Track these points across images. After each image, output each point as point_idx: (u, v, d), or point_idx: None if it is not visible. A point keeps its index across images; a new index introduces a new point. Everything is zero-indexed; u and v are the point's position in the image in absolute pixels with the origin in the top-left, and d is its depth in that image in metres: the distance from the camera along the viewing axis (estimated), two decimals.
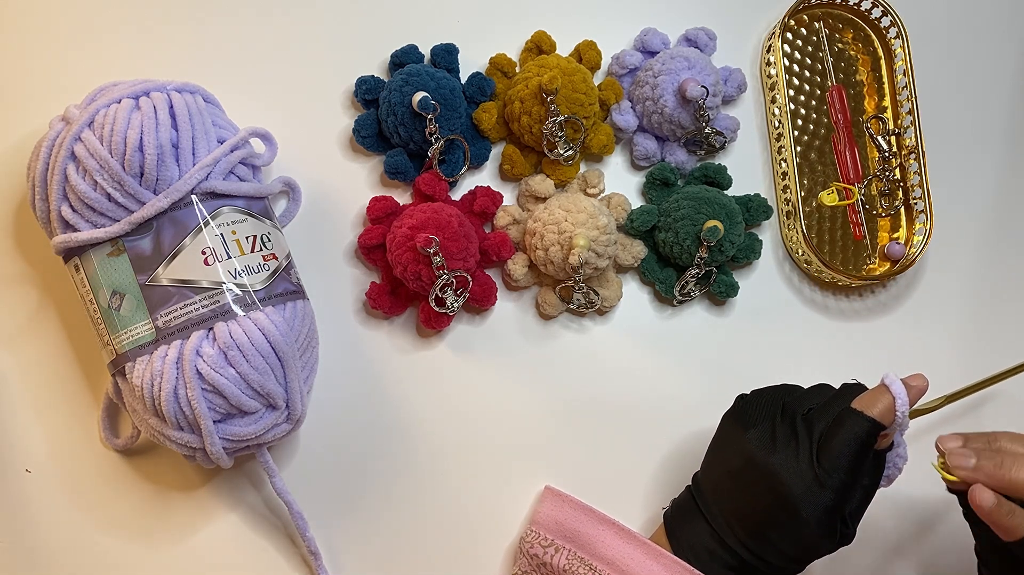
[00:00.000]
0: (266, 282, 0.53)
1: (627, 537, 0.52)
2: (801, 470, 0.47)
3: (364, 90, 0.60)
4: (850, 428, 0.47)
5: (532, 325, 0.62)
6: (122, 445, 0.57)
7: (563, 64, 0.60)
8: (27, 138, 0.58)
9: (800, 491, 0.47)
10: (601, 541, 0.52)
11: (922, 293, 0.65)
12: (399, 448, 0.59)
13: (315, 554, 0.56)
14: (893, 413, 0.47)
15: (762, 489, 0.48)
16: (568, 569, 0.52)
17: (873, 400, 0.48)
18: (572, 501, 0.56)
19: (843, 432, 0.47)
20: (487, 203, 0.60)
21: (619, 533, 0.52)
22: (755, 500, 0.48)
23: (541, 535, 0.55)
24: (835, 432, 0.47)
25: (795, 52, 0.66)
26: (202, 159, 0.52)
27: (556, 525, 0.55)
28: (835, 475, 0.47)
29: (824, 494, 0.47)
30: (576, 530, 0.54)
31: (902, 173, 0.65)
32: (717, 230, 0.58)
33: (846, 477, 0.47)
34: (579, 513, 0.55)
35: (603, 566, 0.52)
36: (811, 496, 0.47)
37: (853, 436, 0.47)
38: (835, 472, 0.47)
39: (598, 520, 0.54)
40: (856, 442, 0.47)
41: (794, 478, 0.47)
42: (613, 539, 0.52)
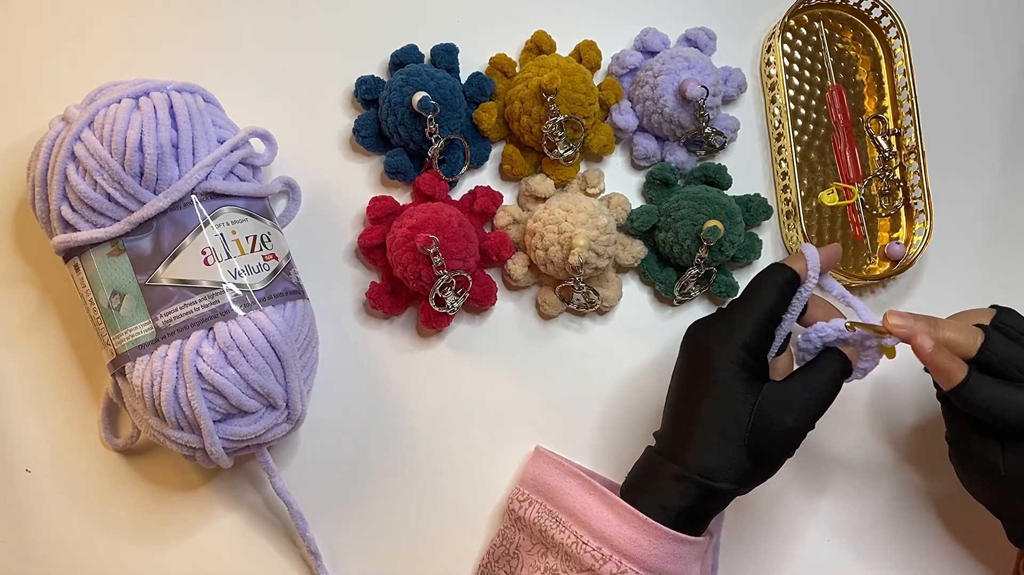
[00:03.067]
0: (266, 282, 0.53)
1: (588, 488, 0.53)
2: (712, 317, 0.52)
3: (364, 90, 0.60)
4: (764, 275, 0.52)
5: (532, 325, 0.62)
6: (122, 445, 0.57)
7: (563, 64, 0.60)
8: (27, 138, 0.58)
9: (715, 330, 0.51)
10: (567, 493, 0.53)
11: (922, 293, 0.65)
12: (399, 448, 0.59)
13: (315, 554, 0.56)
14: (804, 268, 0.52)
15: (681, 356, 0.52)
16: (537, 522, 0.54)
17: (790, 259, 0.53)
18: (550, 457, 0.57)
19: (759, 279, 0.52)
20: (487, 203, 0.60)
21: (582, 485, 0.53)
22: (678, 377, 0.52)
23: (519, 491, 0.57)
24: (752, 284, 0.52)
25: (795, 52, 0.66)
26: (202, 159, 0.52)
27: (533, 480, 0.56)
28: (742, 308, 0.50)
29: (734, 326, 0.50)
30: (548, 484, 0.55)
31: (902, 173, 0.65)
32: (717, 230, 0.58)
33: (759, 317, 0.50)
34: (552, 467, 0.56)
35: (566, 517, 0.52)
36: (724, 331, 0.50)
37: (766, 279, 0.51)
38: (743, 306, 0.51)
39: (567, 473, 0.55)
40: (768, 282, 0.51)
41: (704, 324, 0.52)
42: (576, 490, 0.53)
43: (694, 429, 0.49)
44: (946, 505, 0.62)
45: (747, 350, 0.50)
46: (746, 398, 0.49)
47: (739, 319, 0.50)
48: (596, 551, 0.50)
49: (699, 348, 0.51)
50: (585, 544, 0.50)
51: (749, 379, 0.49)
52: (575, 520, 0.52)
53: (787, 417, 0.49)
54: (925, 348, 0.49)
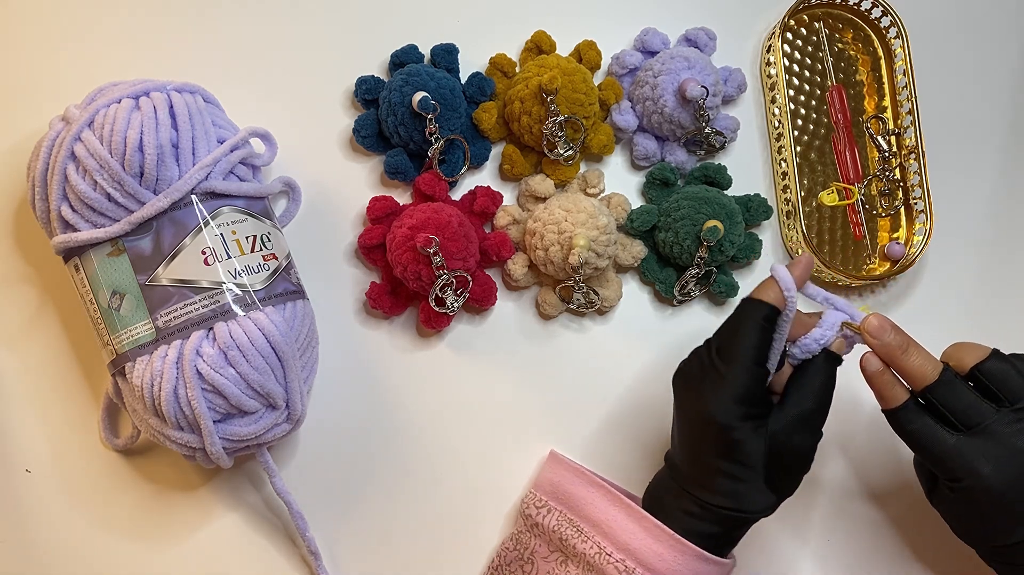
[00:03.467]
0: (266, 282, 0.53)
1: (613, 500, 0.53)
2: (703, 370, 0.50)
3: (364, 90, 0.60)
4: (741, 315, 0.50)
5: (532, 325, 0.62)
6: (122, 445, 0.57)
7: (563, 64, 0.60)
8: (27, 138, 0.58)
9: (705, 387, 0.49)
10: (590, 503, 0.53)
11: (922, 293, 0.65)
12: (399, 448, 0.59)
13: (315, 554, 0.56)
14: (781, 297, 0.50)
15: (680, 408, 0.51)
16: (557, 530, 0.53)
17: (764, 287, 0.50)
18: (570, 465, 0.56)
19: (736, 322, 0.50)
20: (487, 203, 0.60)
21: (606, 495, 0.53)
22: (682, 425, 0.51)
23: (536, 496, 0.56)
24: (730, 325, 0.50)
25: (795, 52, 0.66)
26: (202, 159, 0.52)
27: (551, 487, 0.56)
28: (731, 361, 0.49)
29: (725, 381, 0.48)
30: (568, 492, 0.55)
31: (902, 173, 0.65)
32: (717, 230, 0.58)
33: (748, 362, 0.48)
34: (573, 475, 0.55)
35: (589, 527, 0.52)
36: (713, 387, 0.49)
37: (745, 317, 0.50)
38: (731, 358, 0.49)
39: (588, 482, 0.54)
40: (747, 324, 0.49)
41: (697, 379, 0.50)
42: (601, 501, 0.53)
43: (711, 474, 0.49)
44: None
45: (746, 403, 0.48)
46: (757, 443, 0.48)
47: (729, 374, 0.49)
48: (620, 563, 0.50)
49: (696, 408, 0.49)
50: (608, 555, 0.50)
51: (755, 427, 0.48)
52: (598, 531, 0.52)
53: (798, 441, 0.49)
54: (869, 368, 0.50)
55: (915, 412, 0.50)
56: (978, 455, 0.48)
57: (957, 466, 0.48)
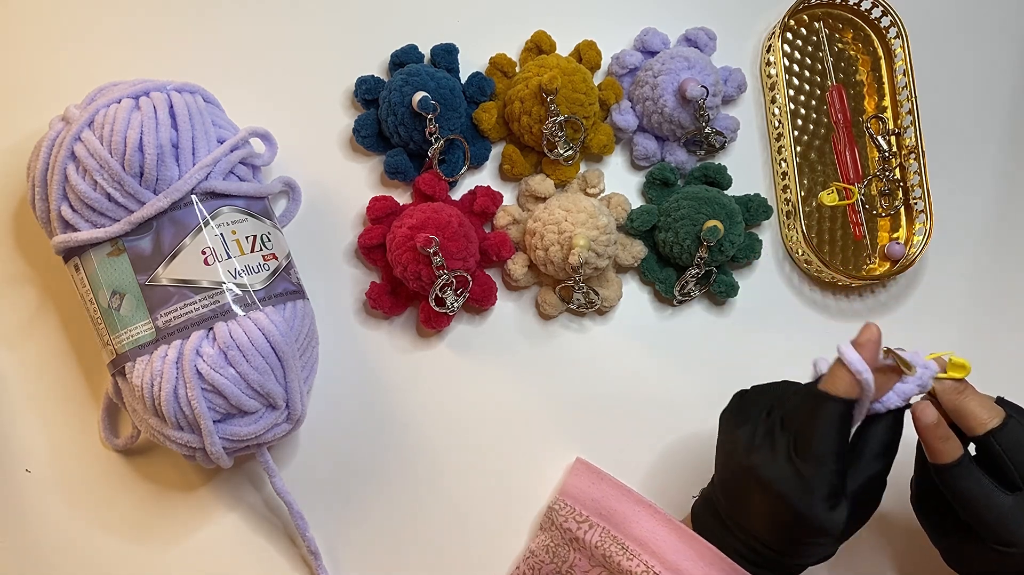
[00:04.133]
0: (266, 282, 0.53)
1: (662, 519, 0.51)
2: (780, 467, 0.46)
3: (364, 90, 0.60)
4: (821, 412, 0.46)
5: (532, 325, 0.62)
6: (122, 445, 0.57)
7: (563, 64, 0.60)
8: (27, 138, 0.58)
9: (788, 489, 0.46)
10: (636, 521, 0.52)
11: (922, 293, 0.65)
12: (399, 448, 0.59)
13: (315, 554, 0.56)
14: (856, 385, 0.46)
15: (754, 491, 0.47)
16: (600, 546, 0.52)
17: (834, 378, 0.46)
18: (608, 478, 0.55)
19: (817, 419, 0.46)
20: (487, 203, 0.60)
21: (654, 515, 0.52)
22: (753, 502, 0.48)
23: (576, 510, 0.55)
24: (807, 421, 0.46)
25: (795, 52, 0.66)
26: (202, 159, 0.52)
27: (592, 502, 0.55)
28: (814, 464, 0.45)
29: (811, 486, 0.45)
30: (612, 508, 0.53)
31: (902, 173, 0.65)
32: (717, 230, 0.58)
33: (830, 463, 0.46)
34: (616, 491, 0.54)
35: (635, 546, 0.51)
36: (799, 491, 0.46)
37: (825, 419, 0.46)
38: (814, 461, 0.46)
39: (635, 501, 0.53)
40: (830, 426, 0.46)
41: (776, 476, 0.46)
42: (648, 520, 0.52)
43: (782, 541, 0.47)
44: None
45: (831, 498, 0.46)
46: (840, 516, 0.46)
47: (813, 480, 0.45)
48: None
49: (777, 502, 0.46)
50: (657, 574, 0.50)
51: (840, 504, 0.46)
52: (646, 550, 0.51)
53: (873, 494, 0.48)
54: (924, 419, 0.47)
55: (969, 469, 0.47)
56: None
57: (1012, 531, 0.45)
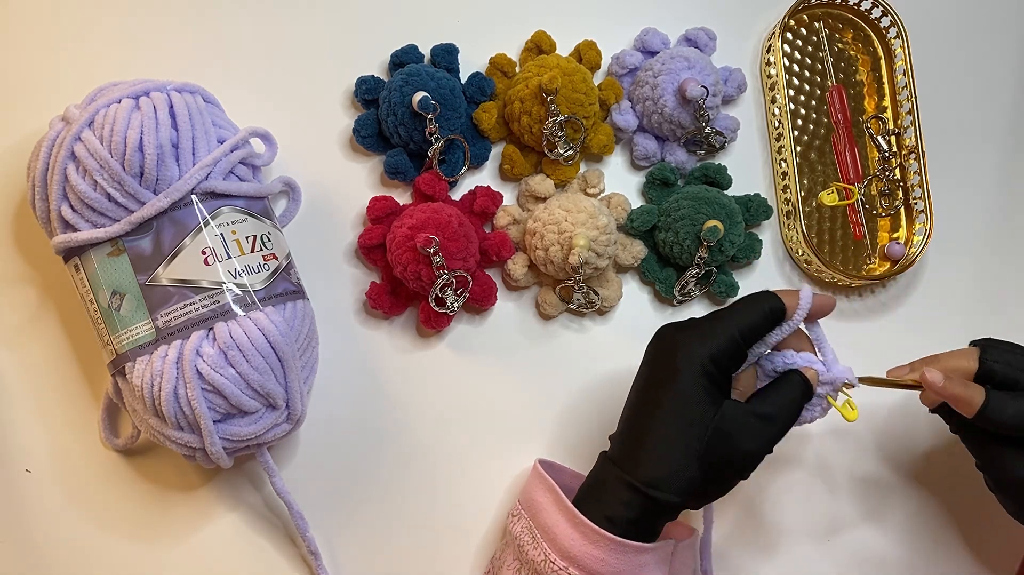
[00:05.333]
0: (266, 282, 0.53)
1: (560, 506, 0.51)
2: (686, 323, 0.50)
3: (364, 90, 0.60)
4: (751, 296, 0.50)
5: (532, 325, 0.62)
6: (122, 445, 0.57)
7: (563, 64, 0.60)
8: (27, 138, 0.58)
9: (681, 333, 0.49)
10: (543, 508, 0.52)
11: (922, 293, 0.65)
12: (399, 448, 0.59)
13: (315, 554, 0.56)
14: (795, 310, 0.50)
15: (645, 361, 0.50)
16: (518, 536, 0.53)
17: (781, 292, 0.51)
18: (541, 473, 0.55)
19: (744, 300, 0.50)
20: (487, 203, 0.60)
21: (556, 501, 0.52)
22: (638, 382, 0.50)
23: (515, 506, 0.55)
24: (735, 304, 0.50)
25: (795, 52, 0.66)
26: (202, 159, 0.52)
27: (524, 495, 0.55)
28: (719, 320, 0.49)
29: (703, 331, 0.48)
30: (532, 498, 0.54)
31: (902, 173, 0.65)
32: (717, 230, 0.58)
33: (732, 325, 0.48)
34: (537, 481, 0.54)
35: (541, 533, 0.51)
36: (689, 335, 0.49)
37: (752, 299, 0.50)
38: (720, 319, 0.49)
39: (547, 489, 0.53)
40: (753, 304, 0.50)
41: (676, 328, 0.50)
42: (550, 506, 0.52)
43: (647, 436, 0.48)
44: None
45: (713, 361, 0.48)
46: (705, 409, 0.48)
47: (712, 329, 0.49)
48: (563, 571, 0.49)
49: (665, 351, 0.49)
50: (552, 562, 0.49)
51: (710, 390, 0.48)
52: (547, 537, 0.51)
53: (746, 440, 0.48)
54: (937, 381, 0.49)
55: (1000, 399, 0.49)
56: None
57: None
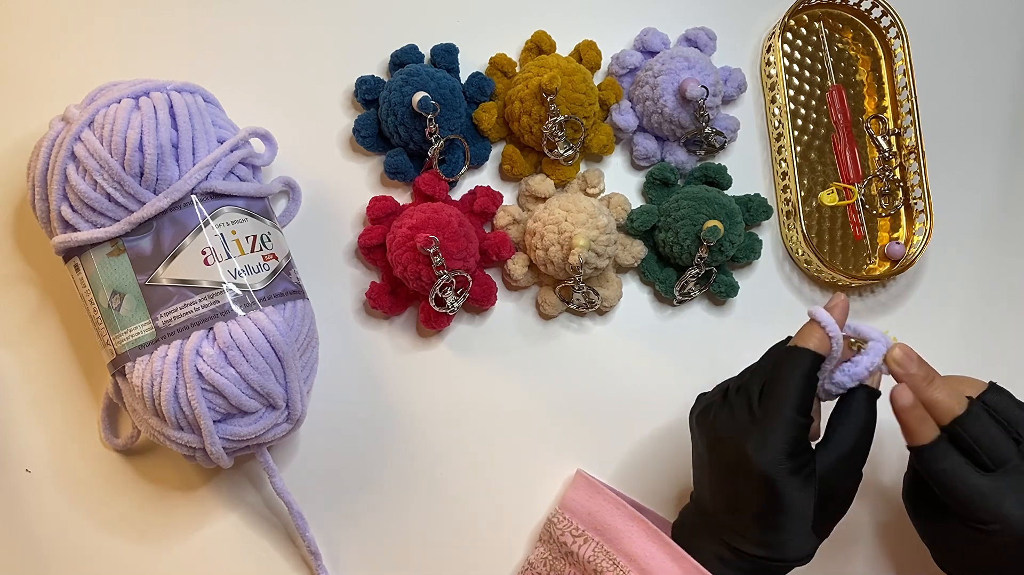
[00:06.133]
0: (266, 282, 0.53)
1: (653, 536, 0.51)
2: (739, 418, 0.47)
3: (364, 90, 0.60)
4: (789, 363, 0.47)
5: (532, 325, 0.62)
6: (122, 445, 0.57)
7: (563, 64, 0.60)
8: (27, 138, 0.58)
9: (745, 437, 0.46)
10: (628, 537, 0.52)
11: (922, 293, 0.65)
12: (399, 448, 0.59)
13: (315, 554, 0.56)
14: (827, 341, 0.47)
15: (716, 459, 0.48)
16: (592, 561, 0.52)
17: (806, 334, 0.48)
18: (605, 493, 0.55)
19: (784, 369, 0.47)
20: (487, 203, 0.60)
21: (646, 531, 0.52)
22: (717, 475, 0.49)
23: (573, 524, 0.55)
24: (772, 372, 0.48)
25: (795, 52, 0.66)
26: (202, 159, 0.52)
27: (588, 516, 0.55)
28: (774, 412, 0.46)
29: (769, 435, 0.46)
30: (607, 523, 0.53)
31: (902, 173, 0.65)
32: (717, 230, 0.58)
33: (790, 412, 0.46)
34: (611, 506, 0.54)
35: (625, 562, 0.51)
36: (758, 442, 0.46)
37: (791, 369, 0.47)
38: (774, 409, 0.46)
39: (629, 516, 0.53)
40: (794, 375, 0.47)
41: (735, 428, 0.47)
42: (639, 536, 0.52)
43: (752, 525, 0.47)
44: None
45: (794, 456, 0.46)
46: (806, 494, 0.47)
47: (774, 429, 0.46)
48: None
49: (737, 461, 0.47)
50: None
51: (804, 477, 0.47)
52: (635, 567, 0.51)
53: (840, 484, 0.48)
54: (900, 402, 0.48)
55: (944, 450, 0.48)
56: (1011, 498, 0.46)
57: (988, 509, 0.46)
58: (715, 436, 0.48)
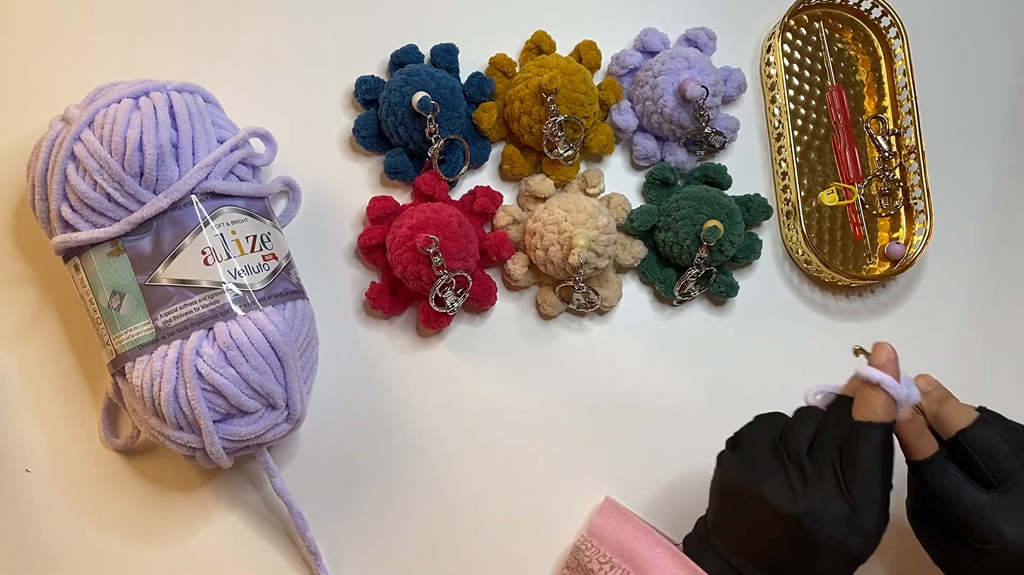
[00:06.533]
0: (266, 282, 0.53)
1: (680, 563, 0.50)
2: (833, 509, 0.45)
3: (364, 90, 0.60)
4: (868, 442, 0.46)
5: (532, 325, 0.62)
6: (122, 445, 0.57)
7: (563, 64, 0.60)
8: (27, 138, 0.58)
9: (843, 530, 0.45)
10: (654, 563, 0.51)
11: (922, 293, 0.65)
12: (399, 448, 0.59)
13: (315, 554, 0.56)
14: (893, 405, 0.47)
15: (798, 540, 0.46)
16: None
17: (870, 404, 0.47)
18: (633, 519, 0.55)
19: (864, 449, 0.46)
20: (487, 203, 0.60)
21: (673, 558, 0.51)
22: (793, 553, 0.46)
23: (600, 551, 0.55)
24: (855, 453, 0.46)
25: (795, 52, 0.66)
26: (202, 159, 0.52)
27: (616, 543, 0.54)
28: (871, 495, 0.46)
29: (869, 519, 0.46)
30: (633, 550, 0.53)
31: (902, 173, 0.65)
32: (717, 230, 0.58)
33: (883, 491, 0.46)
34: (638, 532, 0.54)
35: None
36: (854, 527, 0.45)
37: (874, 448, 0.46)
38: (870, 493, 0.46)
39: (655, 542, 0.53)
40: (878, 453, 0.46)
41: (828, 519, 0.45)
42: (666, 563, 0.51)
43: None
44: None
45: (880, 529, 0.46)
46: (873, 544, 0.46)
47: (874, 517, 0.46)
48: None
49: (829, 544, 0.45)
50: None
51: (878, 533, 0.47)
52: None
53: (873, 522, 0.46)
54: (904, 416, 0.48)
55: (944, 465, 0.48)
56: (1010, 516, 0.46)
57: (986, 527, 0.46)
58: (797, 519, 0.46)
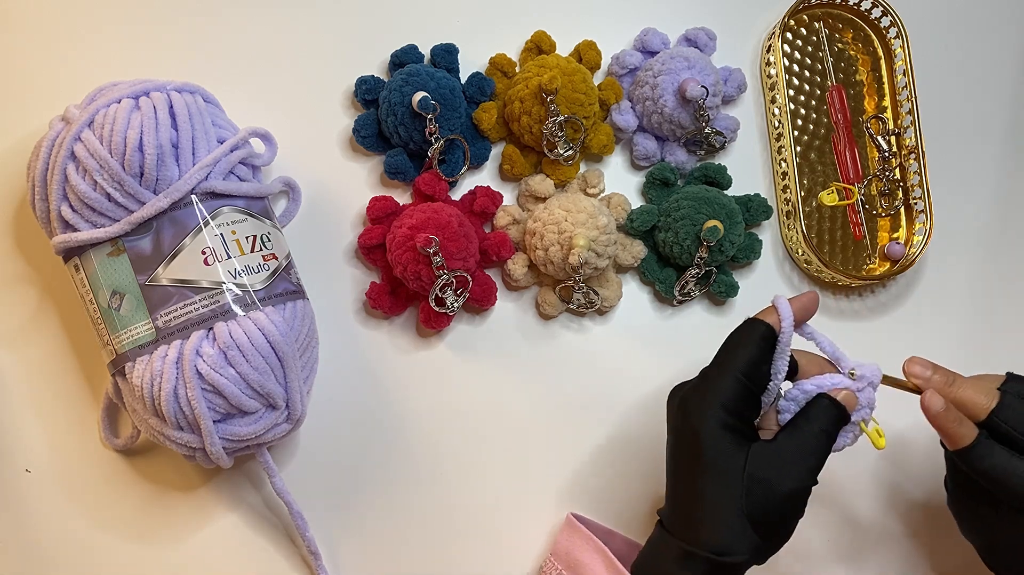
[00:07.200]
0: (266, 282, 0.53)
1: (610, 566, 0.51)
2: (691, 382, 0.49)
3: (364, 90, 0.60)
4: (737, 329, 0.49)
5: (532, 325, 0.62)
6: (122, 445, 0.57)
7: (563, 64, 0.60)
8: (27, 138, 0.58)
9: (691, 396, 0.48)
10: (591, 569, 0.52)
11: (922, 293, 0.65)
12: (399, 448, 0.59)
13: (315, 554, 0.56)
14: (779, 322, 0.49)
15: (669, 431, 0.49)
16: None
17: (762, 312, 0.50)
18: (580, 530, 0.55)
19: (733, 336, 0.49)
20: (487, 203, 0.60)
21: (608, 566, 0.51)
22: (669, 450, 0.49)
23: (553, 564, 0.55)
24: (726, 343, 0.49)
25: (795, 52, 0.66)
26: (202, 159, 0.52)
27: (566, 555, 0.55)
28: (718, 370, 0.48)
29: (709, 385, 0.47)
30: (577, 559, 0.54)
31: (902, 173, 0.65)
32: (717, 230, 0.58)
33: (732, 370, 0.47)
34: (582, 541, 0.54)
35: None
36: (698, 395, 0.47)
37: (739, 332, 0.49)
38: (718, 367, 0.48)
39: (594, 550, 0.53)
40: (741, 335, 0.49)
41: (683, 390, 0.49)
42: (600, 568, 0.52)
43: (693, 505, 0.46)
44: None
45: (727, 411, 0.46)
46: (735, 463, 0.46)
47: (715, 380, 0.47)
48: None
49: (681, 416, 0.48)
50: None
51: (735, 441, 0.46)
52: None
53: (783, 479, 0.46)
54: (933, 408, 0.48)
55: (988, 447, 0.48)
56: None
57: None
58: (670, 402, 0.50)
